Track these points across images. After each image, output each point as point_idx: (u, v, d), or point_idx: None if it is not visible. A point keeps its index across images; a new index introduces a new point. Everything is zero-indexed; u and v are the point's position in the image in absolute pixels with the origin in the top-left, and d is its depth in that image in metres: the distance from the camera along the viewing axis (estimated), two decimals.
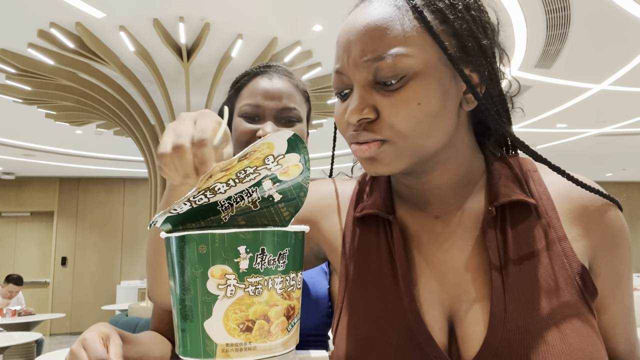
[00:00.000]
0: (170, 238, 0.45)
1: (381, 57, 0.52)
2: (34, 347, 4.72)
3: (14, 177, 9.51)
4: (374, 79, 0.53)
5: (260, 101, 0.96)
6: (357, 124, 0.54)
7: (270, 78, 0.99)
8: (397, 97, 0.52)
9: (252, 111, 0.96)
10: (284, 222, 0.54)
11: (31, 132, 6.79)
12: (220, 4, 3.63)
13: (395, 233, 0.59)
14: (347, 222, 0.66)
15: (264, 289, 0.44)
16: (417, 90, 0.52)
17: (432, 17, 0.53)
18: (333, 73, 0.58)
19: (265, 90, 0.97)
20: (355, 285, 0.61)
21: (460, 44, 0.54)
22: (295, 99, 0.99)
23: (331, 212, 0.68)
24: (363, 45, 0.53)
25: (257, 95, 0.97)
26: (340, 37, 0.56)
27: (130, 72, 4.67)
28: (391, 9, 0.53)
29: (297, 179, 0.53)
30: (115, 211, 9.79)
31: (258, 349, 0.44)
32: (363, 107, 0.53)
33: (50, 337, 8.82)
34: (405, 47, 0.51)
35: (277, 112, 0.96)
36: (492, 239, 0.56)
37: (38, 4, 3.53)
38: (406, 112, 0.52)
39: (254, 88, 0.98)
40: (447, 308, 0.56)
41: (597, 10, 3.66)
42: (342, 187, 0.71)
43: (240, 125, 0.97)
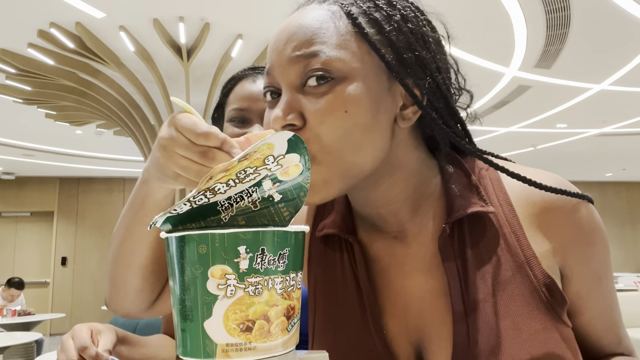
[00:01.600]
0: (170, 238, 0.45)
1: (312, 54, 0.49)
2: (34, 347, 4.72)
3: (14, 177, 9.51)
4: (302, 81, 0.50)
5: (246, 104, 0.96)
6: None
7: (254, 80, 0.99)
8: (323, 102, 0.49)
9: (239, 115, 0.97)
10: (284, 222, 0.54)
11: (31, 132, 6.79)
12: (220, 4, 3.63)
13: (357, 256, 0.57)
14: (311, 237, 0.64)
15: (264, 289, 0.44)
16: (343, 97, 0.49)
17: (367, 26, 0.51)
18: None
19: (249, 93, 0.97)
20: (324, 311, 0.60)
21: (397, 56, 0.52)
22: None
23: None
24: (294, 43, 0.51)
25: (242, 99, 0.97)
26: (272, 38, 0.54)
27: (130, 72, 4.67)
28: (325, 13, 0.52)
29: (297, 179, 0.53)
30: (115, 211, 9.79)
31: (258, 349, 0.44)
32: (289, 112, 0.50)
33: (50, 337, 8.83)
34: (337, 50, 0.50)
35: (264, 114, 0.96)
36: (450, 259, 0.53)
37: (38, 4, 3.53)
38: (333, 121, 0.49)
39: (239, 92, 0.99)
40: (413, 336, 0.54)
41: (597, 10, 3.66)
42: None
43: (228, 130, 0.98)
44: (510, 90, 5.35)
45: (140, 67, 4.62)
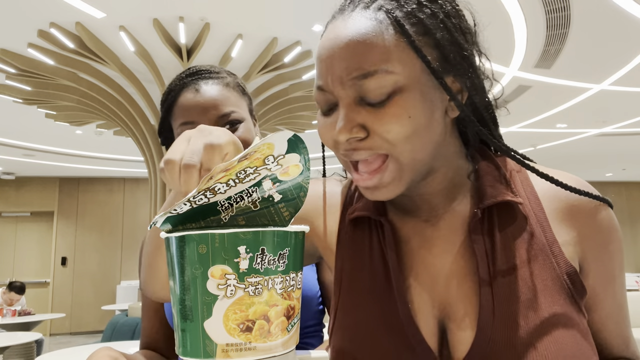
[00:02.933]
0: (170, 238, 0.45)
1: (366, 74, 0.51)
2: (34, 347, 4.72)
3: (14, 177, 9.51)
4: (359, 96, 0.53)
5: (194, 117, 0.90)
6: (347, 143, 0.54)
7: (197, 88, 0.92)
8: (385, 113, 0.52)
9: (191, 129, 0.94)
10: (284, 222, 0.54)
11: (31, 132, 6.79)
12: (220, 4, 3.63)
13: (387, 235, 0.60)
14: (340, 222, 0.67)
15: (264, 289, 0.44)
16: (404, 105, 0.52)
17: (413, 30, 0.52)
18: (315, 89, 0.57)
19: (195, 104, 0.90)
20: (350, 287, 0.62)
21: (441, 54, 0.54)
22: (229, 100, 0.92)
23: (325, 212, 0.68)
24: (347, 63, 0.52)
25: (189, 112, 0.90)
26: (321, 53, 0.55)
27: (130, 72, 4.67)
28: (372, 24, 0.52)
29: (297, 179, 0.53)
30: (115, 211, 9.79)
31: (258, 349, 0.44)
32: (351, 127, 0.53)
33: (50, 337, 8.83)
34: (389, 64, 0.51)
35: (216, 123, 0.89)
36: (480, 243, 0.56)
37: (38, 4, 3.53)
38: (398, 128, 0.52)
39: (183, 105, 0.92)
40: (438, 312, 0.56)
41: (597, 10, 3.66)
42: (334, 188, 0.71)
43: None
44: (510, 90, 5.35)
45: (140, 67, 4.62)
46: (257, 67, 4.53)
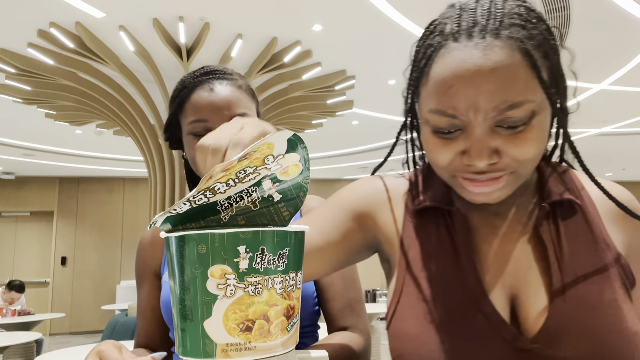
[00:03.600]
0: (170, 238, 0.45)
1: (513, 106, 0.54)
2: (34, 347, 4.73)
3: (14, 177, 9.51)
4: (496, 124, 0.56)
5: (207, 116, 0.91)
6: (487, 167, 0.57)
7: (211, 88, 0.93)
8: (522, 138, 0.56)
9: (202, 128, 0.91)
10: (284, 222, 0.54)
11: (31, 132, 6.79)
12: (220, 4, 3.63)
13: (457, 223, 0.66)
14: (404, 215, 0.71)
15: (264, 289, 0.44)
16: (539, 129, 0.56)
17: (539, 57, 0.56)
18: (435, 113, 0.58)
19: (209, 103, 0.92)
20: (416, 269, 0.67)
21: (553, 77, 0.59)
22: (242, 102, 0.94)
23: (386, 206, 0.73)
24: (492, 95, 0.54)
25: (202, 111, 0.92)
26: (455, 81, 0.55)
27: (130, 72, 4.67)
28: (509, 55, 0.54)
29: (297, 179, 0.53)
30: (115, 211, 9.79)
31: (258, 349, 0.44)
32: (489, 153, 0.56)
33: (50, 337, 8.83)
34: (529, 94, 0.54)
35: (226, 119, 0.91)
36: (547, 232, 0.63)
37: (38, 4, 3.54)
38: (532, 149, 0.57)
39: (197, 102, 0.93)
40: (509, 292, 0.62)
41: (597, 10, 3.66)
42: (396, 182, 0.75)
43: (192, 144, 0.93)
44: None
45: (140, 67, 4.62)
46: (257, 67, 4.54)
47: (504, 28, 0.55)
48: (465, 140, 0.57)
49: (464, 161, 0.58)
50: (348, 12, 3.80)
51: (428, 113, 0.59)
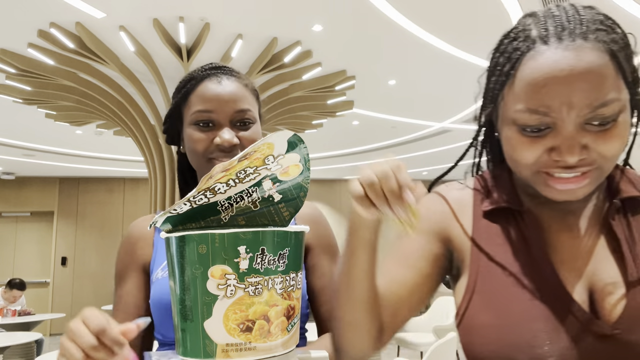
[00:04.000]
0: (170, 238, 0.45)
1: (604, 104, 0.58)
2: (34, 347, 4.72)
3: (14, 177, 9.51)
4: (585, 121, 0.60)
5: (213, 106, 0.92)
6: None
7: (219, 80, 0.94)
8: (610, 134, 0.60)
9: (206, 118, 0.92)
10: (284, 222, 0.54)
11: (31, 132, 6.79)
12: (220, 4, 3.63)
13: (528, 221, 0.70)
14: (472, 219, 0.76)
15: (264, 289, 0.44)
16: (624, 126, 0.61)
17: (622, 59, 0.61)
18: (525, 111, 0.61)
19: (216, 94, 0.92)
20: (489, 266, 0.71)
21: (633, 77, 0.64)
22: (247, 99, 0.95)
23: (453, 218, 0.78)
24: (586, 94, 0.58)
25: (208, 101, 0.92)
26: (548, 80, 0.59)
27: (130, 72, 4.67)
28: (599, 56, 0.59)
29: (297, 179, 0.53)
30: (115, 211, 9.79)
31: (258, 349, 0.44)
32: (579, 149, 0.60)
33: (50, 337, 8.82)
34: (618, 92, 0.59)
35: (232, 117, 0.92)
36: (619, 225, 0.68)
37: (38, 4, 3.53)
38: (618, 145, 0.61)
39: (203, 93, 0.93)
40: (585, 282, 0.66)
41: None
42: (454, 194, 0.80)
43: (194, 135, 0.93)
44: None
45: (140, 67, 4.62)
46: (257, 67, 4.53)
47: (591, 32, 0.60)
48: (554, 137, 0.61)
49: (553, 157, 0.62)
50: (348, 12, 3.80)
51: (516, 112, 0.62)
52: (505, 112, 0.66)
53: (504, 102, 0.66)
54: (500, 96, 0.67)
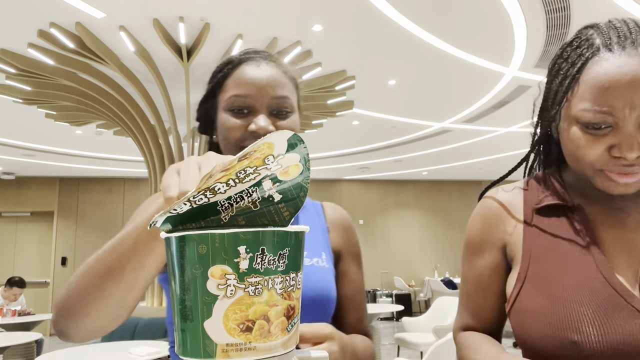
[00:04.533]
0: (170, 238, 0.45)
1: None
2: (34, 347, 4.73)
3: (14, 177, 9.51)
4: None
5: (249, 91, 0.85)
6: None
7: (257, 65, 0.88)
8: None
9: (241, 103, 0.85)
10: (284, 222, 0.54)
11: (31, 132, 6.79)
12: (220, 4, 3.63)
13: (579, 216, 0.77)
14: (524, 216, 0.82)
15: (264, 289, 0.44)
16: None
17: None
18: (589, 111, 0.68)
19: (253, 78, 0.86)
20: (540, 257, 0.77)
21: None
22: (286, 87, 0.89)
23: (506, 217, 0.84)
24: None
25: (245, 85, 0.86)
26: (613, 83, 0.66)
27: (130, 72, 4.67)
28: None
29: (297, 179, 0.53)
30: (115, 211, 9.79)
31: (258, 349, 0.44)
32: (638, 146, 0.66)
33: (50, 337, 8.82)
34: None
35: (269, 103, 0.86)
36: None
37: (38, 4, 3.53)
38: None
39: (240, 77, 0.87)
40: (635, 270, 0.71)
41: (597, 10, 3.66)
42: (506, 195, 0.87)
43: (228, 121, 0.87)
44: (510, 90, 5.35)
45: (140, 67, 4.62)
46: None
47: None
48: (615, 136, 0.67)
49: (613, 154, 0.68)
50: (348, 12, 3.80)
51: (580, 111, 0.69)
52: (569, 111, 0.73)
53: (569, 103, 0.73)
54: (565, 98, 0.74)
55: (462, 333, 0.89)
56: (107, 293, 0.64)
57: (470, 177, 11.29)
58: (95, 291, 0.64)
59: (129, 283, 0.64)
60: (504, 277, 0.84)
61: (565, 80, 0.74)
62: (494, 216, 0.86)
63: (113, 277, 0.63)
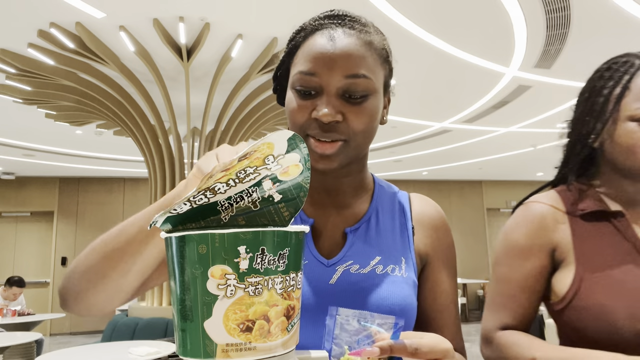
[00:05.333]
0: (170, 238, 0.45)
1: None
2: (34, 347, 4.72)
3: (14, 177, 9.51)
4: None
5: (316, 68, 0.71)
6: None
7: (332, 34, 0.73)
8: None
9: (306, 83, 0.72)
10: (284, 222, 0.54)
11: (31, 132, 6.79)
12: (220, 4, 3.63)
13: (623, 219, 0.89)
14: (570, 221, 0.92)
15: (264, 289, 0.44)
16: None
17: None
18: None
19: (322, 53, 0.71)
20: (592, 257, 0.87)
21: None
22: (366, 62, 0.72)
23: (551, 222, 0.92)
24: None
25: (312, 61, 0.72)
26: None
27: (130, 72, 4.67)
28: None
29: (297, 179, 0.53)
30: (115, 211, 9.79)
31: (258, 349, 0.44)
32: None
33: (50, 337, 8.82)
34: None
35: (340, 84, 0.71)
36: None
37: (38, 4, 3.53)
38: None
39: (309, 50, 0.73)
40: None
41: (597, 10, 3.66)
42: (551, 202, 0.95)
43: (292, 102, 0.74)
44: (510, 90, 5.34)
45: (140, 67, 4.62)
46: (257, 67, 4.53)
47: None
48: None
49: None
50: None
51: (636, 110, 0.87)
52: (623, 113, 0.89)
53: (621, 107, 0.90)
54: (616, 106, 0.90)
55: (503, 332, 0.91)
56: (103, 273, 0.65)
57: (470, 177, 11.28)
58: (94, 270, 0.66)
59: (126, 268, 0.65)
60: (548, 278, 0.92)
61: (612, 93, 0.93)
62: (541, 220, 0.93)
63: (112, 259, 0.65)
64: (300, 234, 0.49)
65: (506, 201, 11.46)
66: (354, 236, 0.79)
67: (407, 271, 0.78)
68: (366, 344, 0.53)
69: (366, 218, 0.82)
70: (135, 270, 0.66)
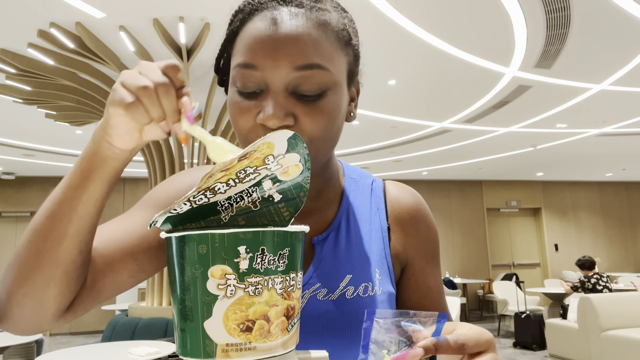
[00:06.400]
0: (170, 238, 0.45)
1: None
2: (34, 347, 4.72)
3: (14, 177, 9.51)
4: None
5: (257, 60, 0.57)
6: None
7: (274, 17, 0.59)
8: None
9: (247, 79, 0.59)
10: (284, 222, 0.54)
11: (31, 132, 6.79)
12: (220, 4, 3.63)
13: None
14: None
15: (264, 289, 0.44)
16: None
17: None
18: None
19: (263, 40, 0.58)
20: None
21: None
22: (320, 48, 0.58)
23: None
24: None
25: (251, 51, 0.58)
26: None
27: None
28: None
29: (297, 179, 0.53)
30: (115, 211, 9.79)
31: (258, 349, 0.44)
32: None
33: (50, 337, 8.82)
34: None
35: (288, 78, 0.57)
36: None
37: (38, 4, 3.53)
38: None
39: (249, 37, 0.60)
40: None
41: (597, 10, 3.66)
42: None
43: (233, 104, 0.61)
44: (510, 90, 5.34)
45: None
46: None
47: None
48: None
49: None
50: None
51: None
52: None
53: None
54: None
55: None
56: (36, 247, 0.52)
57: (470, 177, 11.28)
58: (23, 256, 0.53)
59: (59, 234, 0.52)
60: None
61: None
62: None
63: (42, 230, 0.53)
64: (300, 234, 0.49)
65: (506, 201, 11.46)
66: (322, 248, 0.69)
67: (381, 285, 0.69)
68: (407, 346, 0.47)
69: (335, 224, 0.71)
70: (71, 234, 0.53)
